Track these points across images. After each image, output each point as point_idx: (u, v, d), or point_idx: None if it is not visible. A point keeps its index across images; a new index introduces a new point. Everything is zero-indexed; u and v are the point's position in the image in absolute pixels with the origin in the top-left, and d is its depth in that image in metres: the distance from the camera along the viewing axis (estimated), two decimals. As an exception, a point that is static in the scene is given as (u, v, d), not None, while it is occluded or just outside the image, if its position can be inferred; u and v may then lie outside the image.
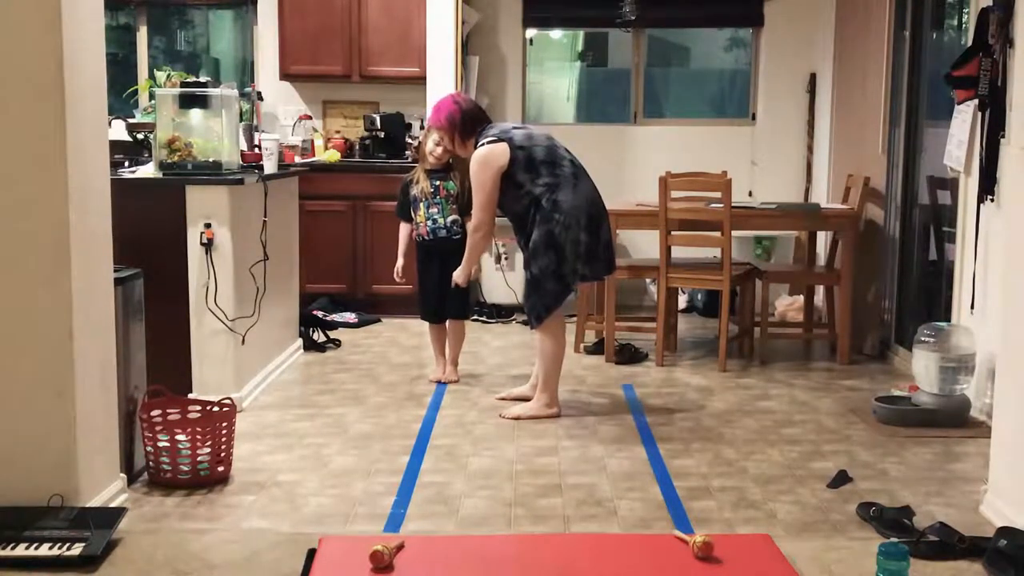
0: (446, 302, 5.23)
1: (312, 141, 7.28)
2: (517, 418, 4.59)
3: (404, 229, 5.32)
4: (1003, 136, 4.23)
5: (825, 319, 6.18)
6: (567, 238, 4.50)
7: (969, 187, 4.69)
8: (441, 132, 4.84)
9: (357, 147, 7.31)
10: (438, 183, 5.13)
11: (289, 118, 7.36)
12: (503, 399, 4.89)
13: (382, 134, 7.18)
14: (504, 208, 4.65)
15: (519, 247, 4.79)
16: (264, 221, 4.93)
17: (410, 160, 5.43)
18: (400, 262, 5.33)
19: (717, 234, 5.50)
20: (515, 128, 4.71)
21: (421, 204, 5.15)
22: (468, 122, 4.68)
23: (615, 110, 8.03)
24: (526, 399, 4.76)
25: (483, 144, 4.59)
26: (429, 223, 5.15)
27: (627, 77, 7.72)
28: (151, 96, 5.40)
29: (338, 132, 7.47)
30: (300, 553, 2.97)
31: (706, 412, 4.74)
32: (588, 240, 4.54)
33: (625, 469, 3.93)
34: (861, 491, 3.69)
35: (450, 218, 5.14)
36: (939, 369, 4.49)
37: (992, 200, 4.39)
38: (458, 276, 4.80)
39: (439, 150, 5.03)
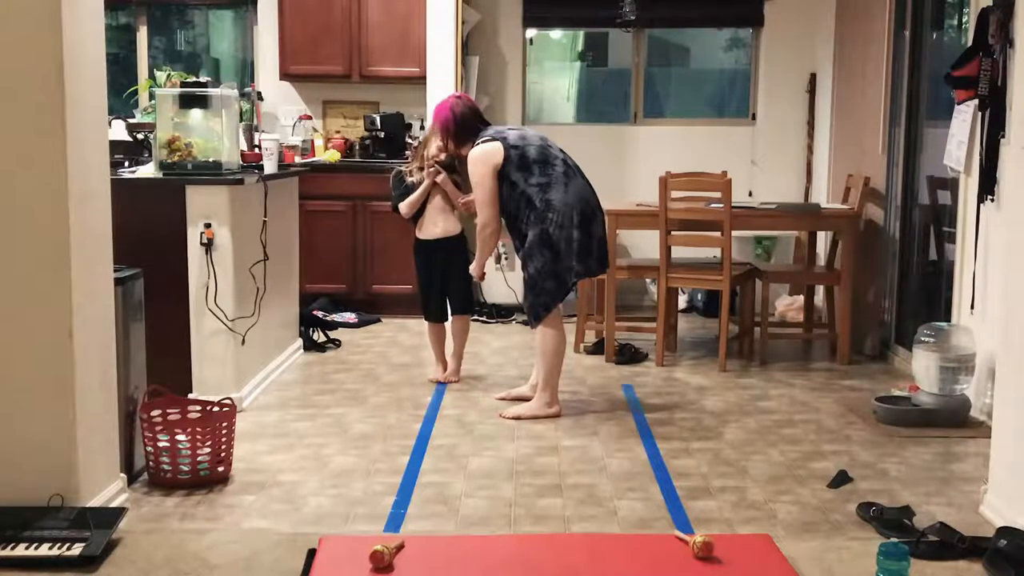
0: (450, 299, 5.27)
1: (312, 141, 7.28)
2: (517, 418, 4.59)
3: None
4: (1003, 136, 4.24)
5: (825, 319, 6.18)
6: (561, 236, 4.54)
7: (969, 187, 4.69)
8: (439, 136, 4.91)
9: (357, 147, 7.31)
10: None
11: (289, 118, 7.35)
12: (503, 399, 4.89)
13: (382, 134, 7.19)
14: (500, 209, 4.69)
15: (514, 248, 4.82)
16: (264, 221, 4.93)
17: (410, 160, 5.44)
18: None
19: (717, 234, 5.50)
20: (510, 129, 4.78)
21: None
22: (462, 129, 4.75)
23: (615, 110, 8.03)
24: (526, 399, 4.77)
25: (478, 144, 4.65)
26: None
27: (627, 77, 7.72)
28: (151, 96, 5.40)
29: (338, 132, 7.47)
30: (300, 553, 2.97)
31: (706, 412, 4.74)
32: (581, 237, 4.57)
33: (625, 469, 3.93)
34: (861, 491, 3.69)
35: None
36: (939, 369, 4.49)
37: (992, 200, 4.39)
38: (473, 269, 4.87)
39: (442, 156, 5.07)
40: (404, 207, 5.19)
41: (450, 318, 5.32)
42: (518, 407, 4.69)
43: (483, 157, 4.62)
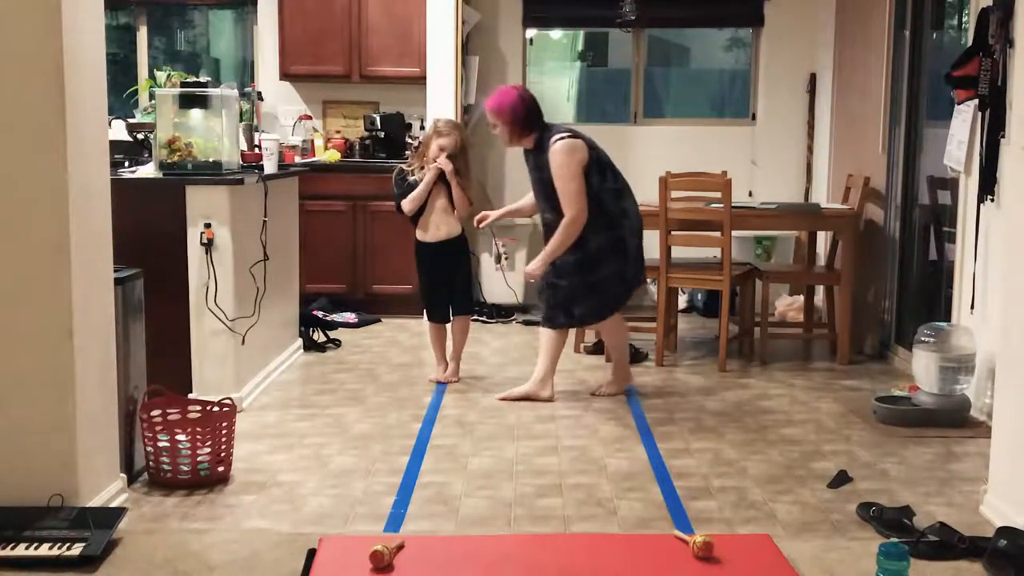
0: (454, 300, 5.26)
1: (312, 141, 7.28)
2: (509, 398, 4.81)
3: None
4: (1003, 136, 4.24)
5: (825, 319, 6.18)
6: (632, 244, 4.72)
7: (969, 187, 4.69)
8: (499, 122, 4.82)
9: (357, 147, 7.31)
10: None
11: (289, 118, 7.36)
12: (504, 399, 4.90)
13: (382, 134, 7.19)
14: (555, 207, 4.70)
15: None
16: (264, 221, 4.93)
17: (411, 160, 5.43)
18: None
19: (717, 234, 5.50)
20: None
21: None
22: (528, 118, 4.77)
23: (615, 110, 8.03)
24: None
25: (560, 138, 4.69)
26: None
27: (627, 77, 7.72)
28: (151, 96, 5.40)
29: (338, 132, 7.48)
30: (300, 553, 2.97)
31: (706, 412, 4.74)
32: (640, 246, 4.79)
33: (625, 469, 3.93)
34: (861, 491, 3.69)
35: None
36: (939, 369, 4.49)
37: (992, 200, 4.39)
38: (535, 268, 4.79)
39: (442, 155, 5.04)
40: (407, 203, 5.14)
41: (452, 319, 5.32)
42: (514, 389, 4.86)
43: (572, 151, 4.64)
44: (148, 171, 4.70)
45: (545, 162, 4.71)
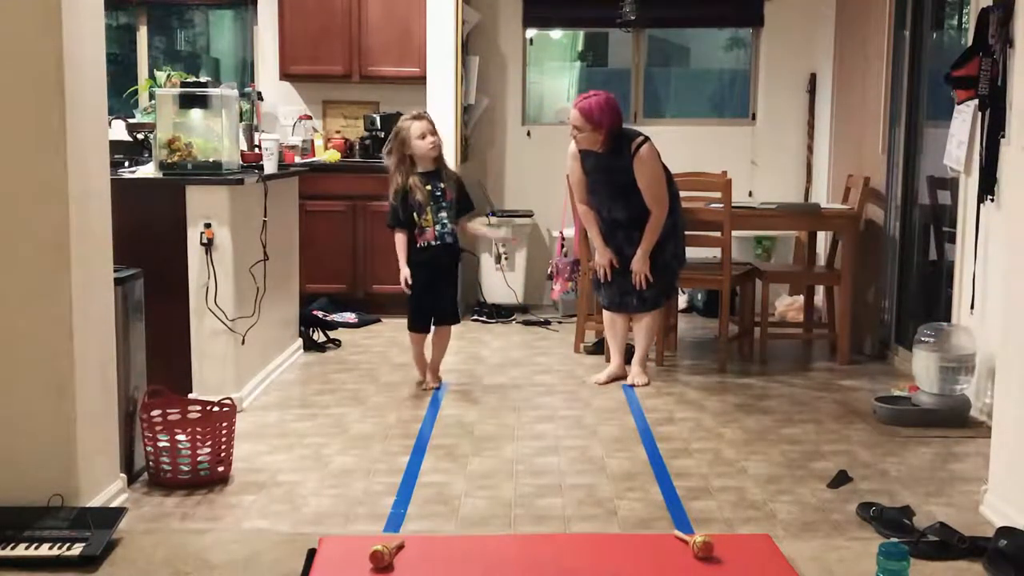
0: (439, 308, 5.08)
1: (312, 141, 7.28)
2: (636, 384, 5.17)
3: (401, 239, 4.98)
4: (1003, 136, 4.24)
5: (825, 319, 6.18)
6: (682, 228, 5.26)
7: (969, 187, 4.69)
8: (589, 127, 4.99)
9: (357, 147, 7.31)
10: (442, 185, 4.95)
11: (289, 118, 7.35)
12: (602, 383, 5.23)
13: (382, 134, 7.17)
14: (631, 204, 5.06)
15: (621, 242, 5.16)
16: (264, 221, 4.93)
17: (388, 150, 5.17)
18: (405, 271, 4.95)
19: (717, 234, 5.50)
20: None
21: (428, 208, 4.91)
22: (621, 125, 5.08)
23: (615, 110, 8.00)
24: (619, 377, 5.27)
25: (642, 142, 5.04)
26: (439, 228, 4.93)
27: (627, 77, 7.72)
28: (151, 96, 5.40)
29: (338, 132, 7.47)
30: (300, 553, 2.97)
31: (706, 412, 4.74)
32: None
33: (625, 469, 3.93)
34: (861, 491, 3.69)
35: (451, 224, 4.99)
36: (939, 369, 4.49)
37: (992, 200, 4.39)
38: (642, 265, 5.12)
39: (433, 152, 4.91)
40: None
41: (432, 329, 5.13)
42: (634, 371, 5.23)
43: (657, 155, 5.06)
44: (148, 171, 4.70)
45: (623, 164, 5.01)
